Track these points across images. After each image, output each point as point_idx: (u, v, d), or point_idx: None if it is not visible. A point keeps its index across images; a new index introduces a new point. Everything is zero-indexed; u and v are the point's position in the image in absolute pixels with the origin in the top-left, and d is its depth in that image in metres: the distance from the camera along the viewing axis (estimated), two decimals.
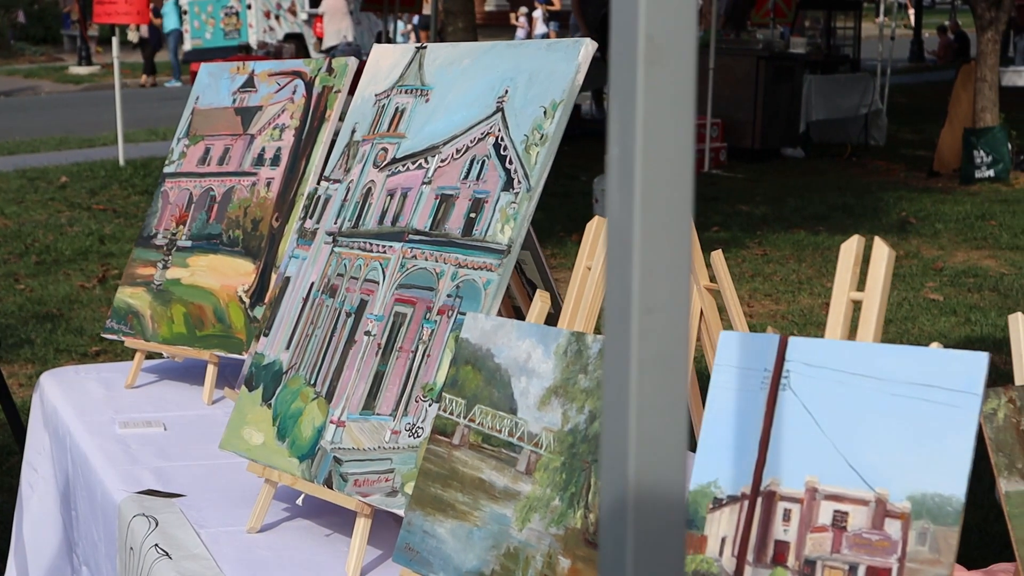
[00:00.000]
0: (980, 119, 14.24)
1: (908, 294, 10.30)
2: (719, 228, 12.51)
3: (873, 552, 2.27)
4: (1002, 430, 2.53)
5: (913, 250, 11.58)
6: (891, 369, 2.32)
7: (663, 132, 1.36)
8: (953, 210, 12.99)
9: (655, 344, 1.36)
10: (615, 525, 1.37)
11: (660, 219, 1.36)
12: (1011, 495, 2.51)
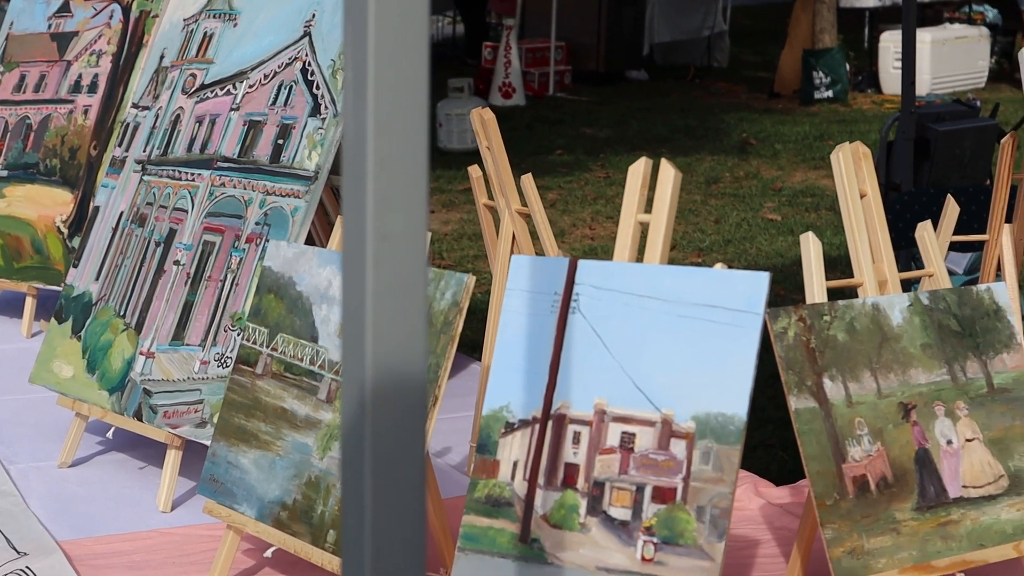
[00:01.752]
0: (819, 40, 14.38)
1: (747, 215, 10.41)
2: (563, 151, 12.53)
3: (659, 472, 2.30)
4: (792, 348, 2.57)
5: (753, 171, 11.69)
6: (676, 290, 2.34)
7: (396, 56, 1.34)
8: (792, 131, 13.14)
9: (390, 270, 1.35)
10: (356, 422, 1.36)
11: (394, 147, 1.34)
12: (800, 412, 2.55)
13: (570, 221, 9.32)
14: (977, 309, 2.79)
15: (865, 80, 14.93)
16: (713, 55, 16.84)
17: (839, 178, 2.76)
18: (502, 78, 14.05)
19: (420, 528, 1.40)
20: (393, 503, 1.38)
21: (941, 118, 7.71)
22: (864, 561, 2.53)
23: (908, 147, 7.34)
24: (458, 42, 17.36)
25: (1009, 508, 2.69)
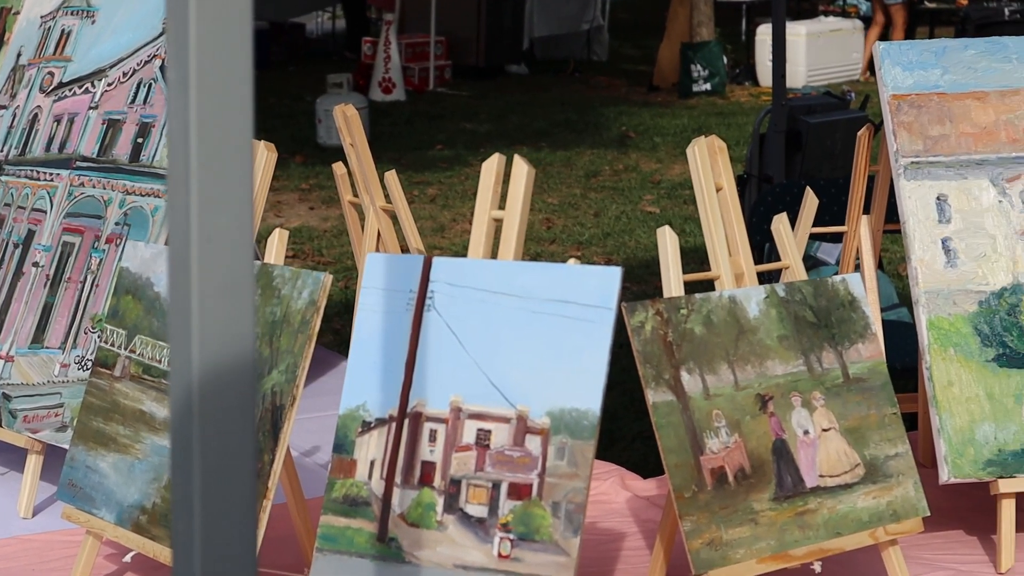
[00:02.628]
0: (697, 34, 14.51)
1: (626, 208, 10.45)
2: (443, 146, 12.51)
3: (515, 469, 2.30)
4: (649, 342, 2.58)
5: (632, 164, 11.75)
6: (530, 287, 2.34)
7: (218, 55, 1.32)
8: (671, 123, 13.23)
9: (216, 272, 1.33)
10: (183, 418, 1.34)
11: (217, 148, 1.32)
12: (658, 405, 2.56)
13: (450, 216, 9.31)
14: (833, 300, 2.82)
15: (743, 73, 15.08)
16: (592, 49, 16.91)
17: (695, 172, 2.77)
18: (382, 73, 14.00)
19: (252, 529, 1.39)
20: (223, 507, 1.36)
21: (812, 110, 7.80)
22: (723, 552, 2.55)
23: (780, 139, 7.42)
24: (338, 37, 17.27)
25: (865, 496, 2.72)
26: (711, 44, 14.60)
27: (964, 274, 3.03)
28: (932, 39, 3.28)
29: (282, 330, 2.68)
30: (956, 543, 3.10)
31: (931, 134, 3.10)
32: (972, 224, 3.06)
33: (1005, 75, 3.17)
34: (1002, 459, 2.93)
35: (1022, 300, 3.03)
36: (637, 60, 16.98)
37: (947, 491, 3.15)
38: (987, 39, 3.23)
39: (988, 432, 2.94)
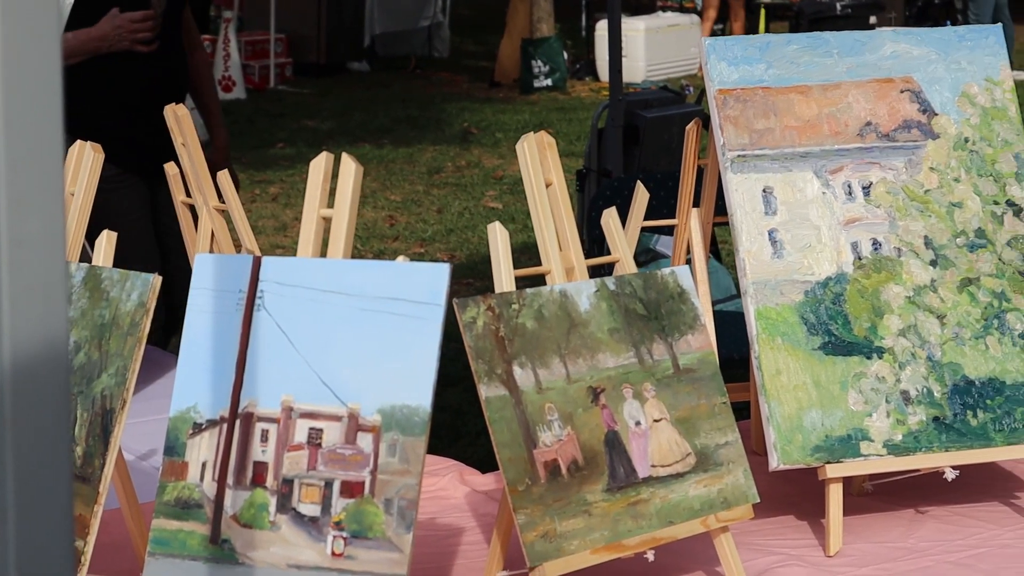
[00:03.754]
0: (537, 30, 14.61)
1: (469, 203, 10.48)
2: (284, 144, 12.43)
3: (347, 467, 2.30)
4: (481, 337, 2.59)
5: (474, 160, 11.78)
6: (360, 284, 2.35)
7: (25, 55, 1.30)
8: (513, 119, 13.30)
9: (27, 276, 1.32)
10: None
11: (26, 150, 1.31)
12: (491, 400, 2.58)
13: (292, 215, 9.25)
14: (662, 292, 2.86)
15: (583, 68, 15.20)
16: (434, 45, 16.91)
17: (524, 168, 2.80)
18: (221, 71, 13.85)
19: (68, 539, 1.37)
20: (39, 516, 1.34)
21: (649, 105, 7.89)
22: (557, 544, 2.57)
23: (617, 134, 7.49)
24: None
25: (697, 485, 2.77)
26: (551, 40, 14.70)
27: (790, 265, 3.09)
28: (759, 34, 3.34)
29: (111, 333, 2.65)
30: (787, 528, 3.16)
31: (756, 128, 3.16)
32: (797, 215, 3.13)
33: (827, 69, 3.24)
34: (829, 445, 3.00)
35: (846, 289, 3.10)
36: (478, 56, 17.04)
37: (779, 477, 3.21)
38: (809, 34, 3.30)
39: (815, 419, 3.01)
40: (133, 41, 4.78)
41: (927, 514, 3.20)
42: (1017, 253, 3.20)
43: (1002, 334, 3.15)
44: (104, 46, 4.84)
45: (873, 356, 3.08)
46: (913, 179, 3.20)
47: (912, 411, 3.06)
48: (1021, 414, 3.10)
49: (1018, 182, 3.24)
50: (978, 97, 3.27)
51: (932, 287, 3.14)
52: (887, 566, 2.95)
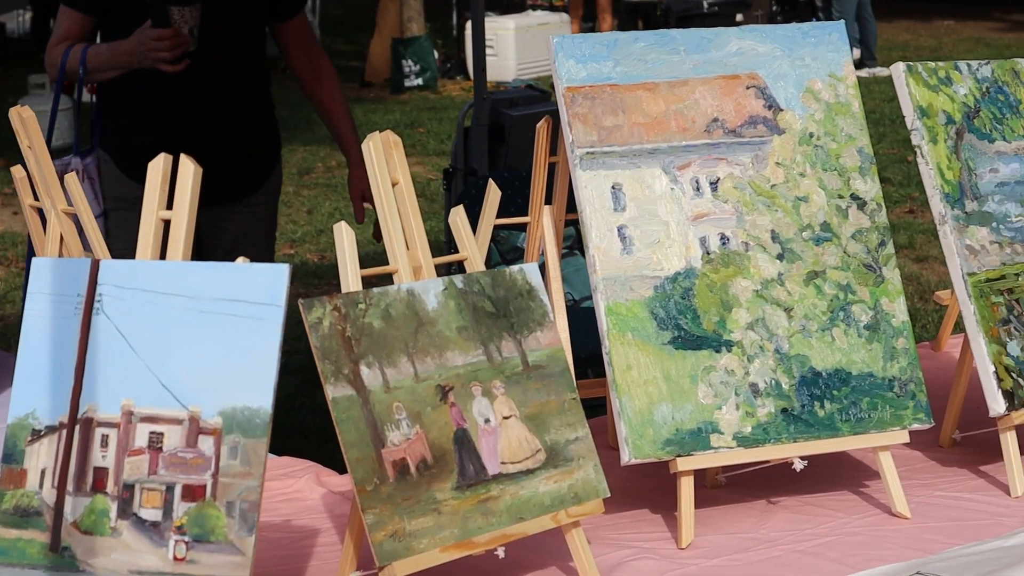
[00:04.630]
0: (407, 29, 14.59)
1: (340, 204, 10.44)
2: None
3: (188, 470, 2.28)
4: (327, 338, 2.58)
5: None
6: (199, 286, 2.33)
7: None
8: (384, 119, 13.27)
9: None
10: None
11: None
12: (338, 400, 2.57)
13: None
14: (511, 290, 2.87)
15: (454, 67, 15.22)
16: None
17: (371, 167, 2.79)
18: None
19: None
20: None
21: (514, 103, 7.91)
22: (406, 543, 2.57)
23: (483, 133, 7.50)
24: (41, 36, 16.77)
25: (547, 481, 2.78)
26: (422, 39, 14.68)
27: (640, 260, 3.12)
28: (609, 32, 3.36)
29: None
30: (641, 521, 3.19)
31: (605, 125, 3.18)
32: (646, 211, 3.15)
33: (673, 66, 3.27)
34: (680, 438, 3.03)
35: (695, 284, 3.13)
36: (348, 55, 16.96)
37: (634, 471, 3.24)
38: (656, 32, 3.32)
39: (666, 413, 3.03)
40: (155, 60, 4.34)
41: (778, 504, 3.25)
42: (861, 246, 3.25)
43: (848, 326, 3.20)
44: (134, 61, 4.42)
45: (722, 350, 3.11)
46: (759, 174, 3.24)
47: (761, 403, 3.10)
48: (867, 404, 3.15)
49: (862, 176, 3.29)
50: (822, 93, 3.32)
51: (779, 280, 3.18)
52: (738, 556, 2.99)
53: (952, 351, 4.17)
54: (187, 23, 4.41)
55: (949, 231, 3.32)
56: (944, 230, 3.33)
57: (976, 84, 3.49)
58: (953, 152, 3.38)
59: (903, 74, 3.38)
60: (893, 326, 3.23)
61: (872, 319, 3.22)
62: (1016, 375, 3.26)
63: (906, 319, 3.25)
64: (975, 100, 3.47)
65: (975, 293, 3.28)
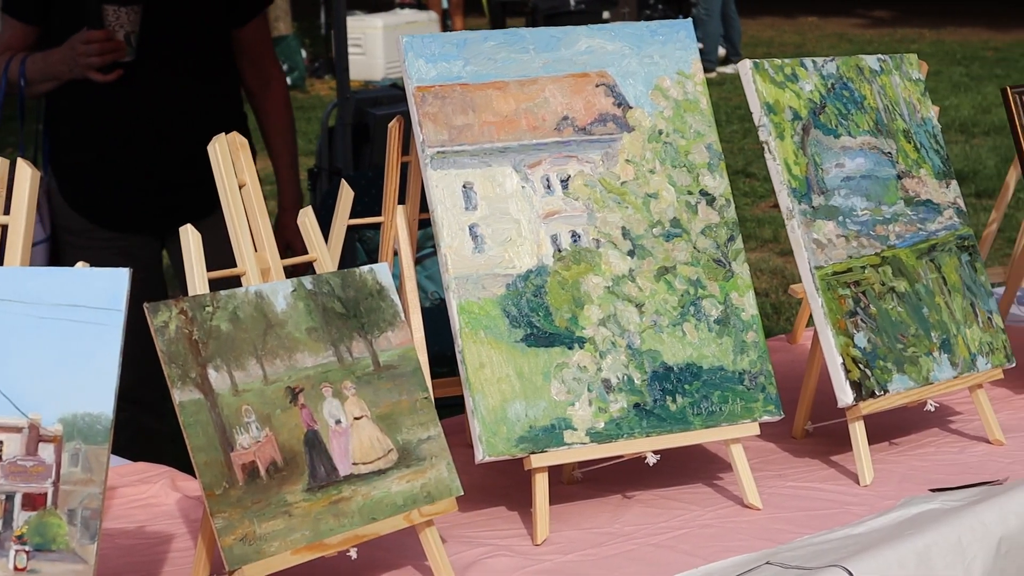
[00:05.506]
0: (273, 28, 14.53)
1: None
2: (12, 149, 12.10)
3: (28, 479, 2.25)
4: (174, 342, 2.56)
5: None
6: (38, 292, 2.30)
7: None
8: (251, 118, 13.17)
9: None
10: None
11: None
12: (185, 405, 2.55)
13: None
14: (361, 290, 2.87)
15: (322, 67, 15.15)
16: None
17: (217, 170, 2.77)
18: None
19: None
20: None
21: (378, 102, 7.90)
22: (257, 546, 2.56)
23: (347, 132, 7.49)
24: None
25: (399, 480, 2.78)
26: (289, 38, 14.61)
27: (491, 259, 3.13)
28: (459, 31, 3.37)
29: None
30: (498, 519, 3.20)
31: (455, 124, 3.18)
32: (497, 210, 3.16)
33: (523, 65, 3.28)
34: (533, 435, 3.05)
35: (547, 282, 3.15)
36: None
37: (491, 469, 3.25)
38: (505, 31, 3.33)
39: (519, 410, 3.05)
40: (85, 67, 4.07)
41: (633, 499, 3.28)
42: (711, 241, 3.29)
43: (698, 320, 3.24)
44: (66, 71, 4.14)
45: (575, 346, 3.13)
46: (610, 171, 3.26)
47: (613, 399, 3.13)
48: (718, 398, 3.19)
49: (711, 172, 3.33)
50: (671, 90, 3.35)
51: (630, 276, 3.21)
52: (592, 551, 3.01)
53: (807, 343, 4.24)
54: (122, 27, 4.11)
55: (796, 225, 3.37)
56: (792, 224, 3.38)
57: (822, 81, 3.54)
58: (800, 148, 3.43)
59: (750, 71, 3.43)
60: (743, 320, 3.27)
61: (722, 313, 3.26)
62: (863, 366, 3.33)
63: (755, 313, 3.29)
64: (821, 96, 3.53)
65: (822, 286, 3.34)
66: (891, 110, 3.64)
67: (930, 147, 3.69)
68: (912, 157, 3.63)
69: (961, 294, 3.58)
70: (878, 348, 3.37)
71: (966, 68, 18.42)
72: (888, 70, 3.69)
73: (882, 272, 3.45)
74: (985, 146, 13.29)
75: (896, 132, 3.63)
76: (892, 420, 3.65)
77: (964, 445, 3.59)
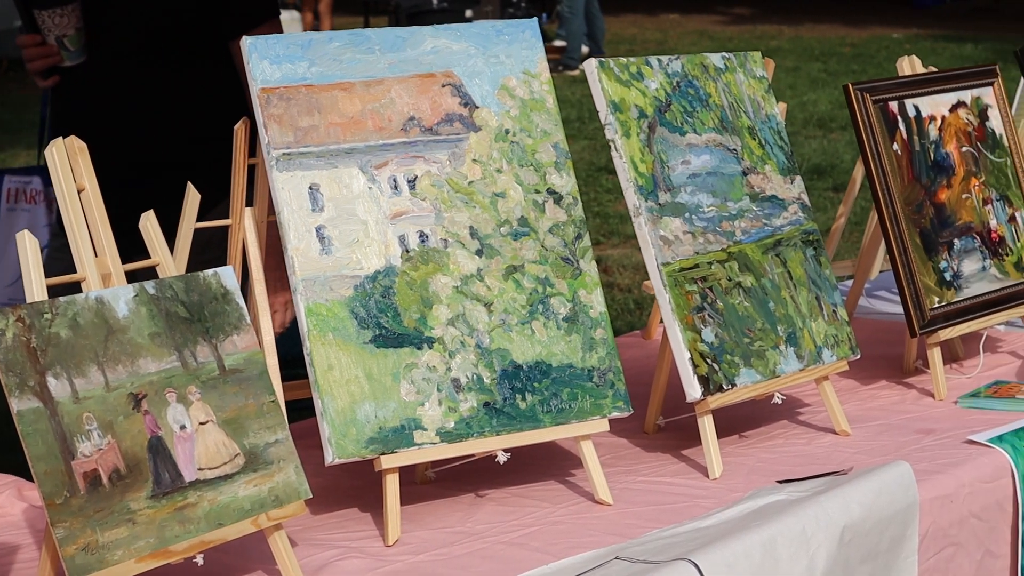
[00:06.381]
0: None
1: None
2: None
3: None
4: (11, 350, 2.52)
5: None
6: None
7: None
8: None
9: None
10: None
11: None
12: (23, 414, 2.51)
13: None
14: (205, 294, 2.84)
15: None
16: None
17: (55, 175, 2.73)
18: None
19: None
20: None
21: None
22: (99, 555, 2.53)
23: None
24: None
25: (246, 485, 2.76)
26: None
27: (339, 260, 3.12)
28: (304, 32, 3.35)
29: None
30: (351, 520, 3.20)
31: (301, 125, 3.17)
32: (344, 211, 3.15)
33: (369, 66, 3.27)
34: (383, 436, 3.04)
35: (395, 282, 3.15)
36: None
37: (344, 471, 3.25)
38: (351, 31, 3.32)
39: (369, 411, 3.04)
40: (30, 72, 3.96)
41: (486, 497, 3.29)
42: (559, 240, 3.31)
43: (547, 318, 3.26)
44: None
45: (424, 346, 3.13)
46: (457, 171, 3.27)
47: (463, 398, 3.13)
48: (567, 395, 3.21)
49: (557, 171, 3.35)
50: (517, 90, 3.37)
51: (479, 276, 3.22)
52: (444, 551, 3.02)
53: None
54: (53, 31, 3.94)
55: (643, 222, 3.40)
56: (639, 222, 3.41)
57: (667, 79, 3.58)
58: (646, 145, 3.47)
59: (595, 70, 3.46)
60: (591, 317, 3.30)
61: (570, 311, 3.28)
62: (711, 361, 3.37)
63: (604, 310, 3.32)
64: (666, 94, 3.56)
65: (670, 282, 3.37)
66: (736, 107, 3.69)
67: (774, 143, 3.74)
68: (757, 153, 3.69)
69: (806, 288, 3.64)
70: (725, 343, 3.41)
71: (824, 64, 18.72)
72: (732, 68, 3.74)
73: (728, 268, 3.50)
74: (843, 140, 13.53)
75: (741, 129, 3.68)
76: (742, 413, 3.70)
77: (812, 437, 3.65)
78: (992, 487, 3.38)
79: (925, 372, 4.00)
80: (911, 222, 3.91)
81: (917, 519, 3.19)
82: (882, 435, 3.62)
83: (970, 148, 4.12)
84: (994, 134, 4.20)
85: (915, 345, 4.08)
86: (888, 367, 4.14)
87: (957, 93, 4.15)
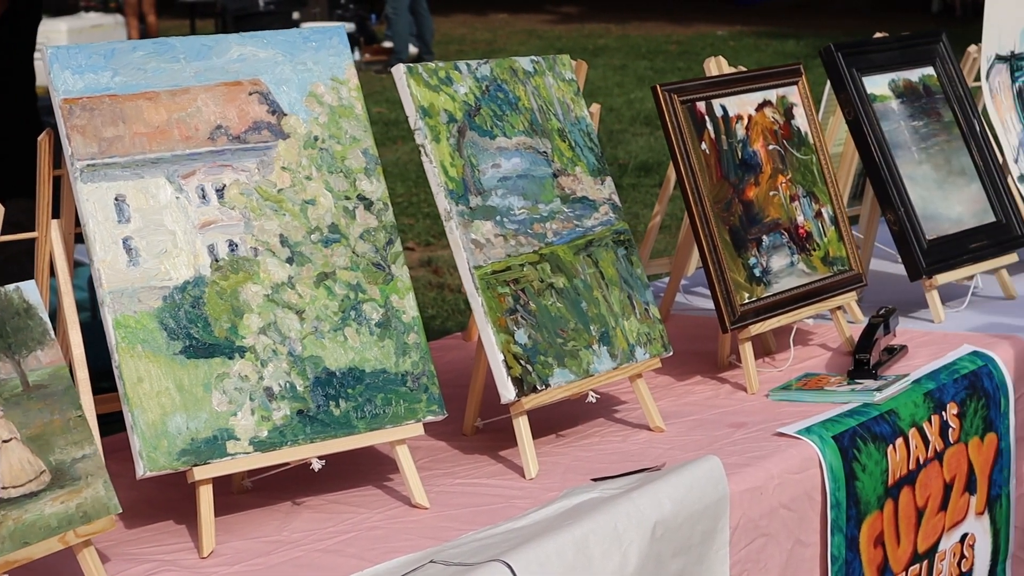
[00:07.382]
0: None
1: None
2: None
3: None
4: None
5: None
6: None
7: None
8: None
9: None
10: None
11: None
12: None
13: None
14: (7, 309, 2.80)
15: None
16: None
17: None
18: None
19: None
20: None
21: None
22: None
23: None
24: None
25: (53, 502, 2.73)
26: None
27: (147, 271, 3.09)
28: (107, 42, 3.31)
29: None
30: (166, 534, 3.17)
31: (105, 136, 3.13)
32: (152, 222, 3.12)
33: (174, 75, 3.25)
34: (195, 448, 3.02)
35: (205, 292, 3.13)
36: None
37: (160, 483, 3.22)
38: (155, 40, 3.30)
39: (180, 423, 3.02)
40: None
41: (303, 505, 3.29)
42: (370, 245, 3.32)
43: (359, 324, 3.26)
44: None
45: (235, 356, 3.12)
46: (266, 179, 3.26)
47: (276, 407, 3.13)
48: (381, 400, 3.22)
49: (367, 177, 3.36)
50: (325, 96, 3.37)
51: (290, 284, 3.22)
52: (259, 560, 3.01)
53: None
54: None
55: (455, 226, 3.43)
56: (450, 226, 3.44)
57: (476, 83, 3.61)
58: (456, 150, 3.49)
59: (404, 76, 3.47)
60: (404, 322, 3.31)
61: (383, 317, 3.29)
62: (524, 362, 3.40)
63: (416, 315, 3.34)
64: (475, 98, 3.59)
65: (482, 285, 3.40)
66: (545, 110, 3.73)
67: (584, 145, 3.79)
68: (567, 156, 3.73)
69: (619, 287, 3.70)
70: (539, 344, 3.45)
71: (651, 62, 18.96)
72: (542, 71, 3.78)
73: (541, 269, 3.54)
74: None
75: (551, 132, 3.72)
76: (560, 412, 3.74)
77: (627, 434, 3.70)
78: (800, 478, 3.47)
79: (739, 367, 4.08)
80: (720, 220, 3.99)
81: (728, 512, 3.25)
82: (695, 430, 3.68)
83: (776, 146, 4.21)
84: (799, 132, 4.30)
85: (728, 340, 4.16)
86: (703, 363, 4.21)
87: (763, 92, 4.24)
